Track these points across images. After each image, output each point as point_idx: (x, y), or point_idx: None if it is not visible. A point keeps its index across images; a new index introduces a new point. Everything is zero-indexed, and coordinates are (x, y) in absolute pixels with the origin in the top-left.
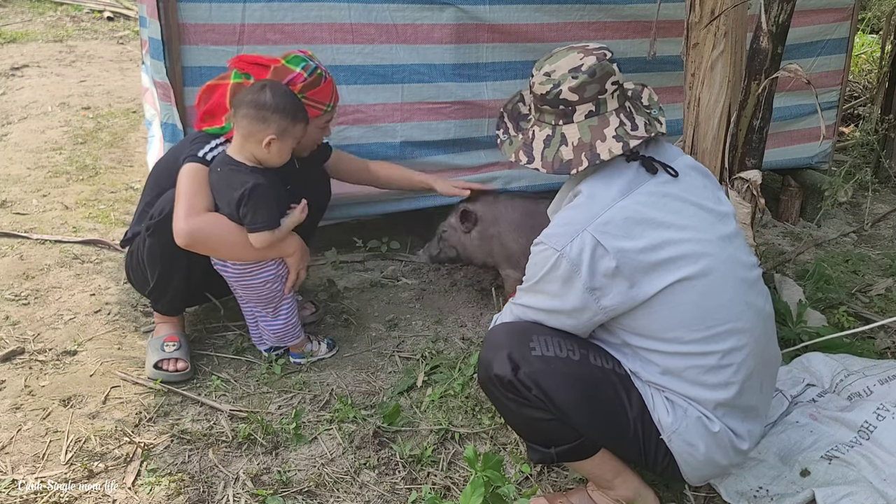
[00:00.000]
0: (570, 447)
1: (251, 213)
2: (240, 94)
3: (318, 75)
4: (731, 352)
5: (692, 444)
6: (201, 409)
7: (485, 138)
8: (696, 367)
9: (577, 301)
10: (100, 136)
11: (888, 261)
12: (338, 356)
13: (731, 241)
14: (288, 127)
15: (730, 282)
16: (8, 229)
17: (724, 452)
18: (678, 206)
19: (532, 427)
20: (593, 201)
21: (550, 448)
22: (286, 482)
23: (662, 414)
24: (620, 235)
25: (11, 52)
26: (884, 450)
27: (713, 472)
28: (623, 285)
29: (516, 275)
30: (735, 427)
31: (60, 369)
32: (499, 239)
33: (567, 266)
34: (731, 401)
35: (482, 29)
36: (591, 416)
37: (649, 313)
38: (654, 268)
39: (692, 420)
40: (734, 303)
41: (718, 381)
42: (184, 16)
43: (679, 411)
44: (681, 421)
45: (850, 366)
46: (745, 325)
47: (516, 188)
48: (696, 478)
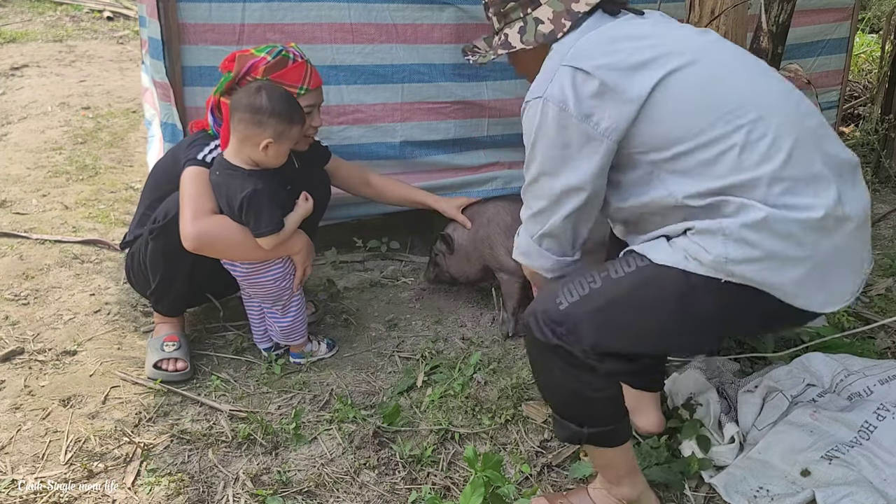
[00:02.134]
0: (603, 430)
1: (253, 219)
2: (235, 96)
3: (282, 57)
4: (758, 121)
5: (750, 254)
6: (201, 409)
7: (485, 138)
8: (730, 150)
9: (577, 138)
10: (100, 136)
11: (888, 261)
12: (338, 356)
13: (721, 43)
14: (284, 130)
15: (733, 69)
16: (8, 229)
17: (788, 238)
18: (653, 27)
19: (572, 398)
20: (561, 46)
21: (583, 427)
22: (286, 482)
23: (703, 255)
24: (596, 55)
25: (11, 52)
26: (884, 450)
27: (804, 273)
28: (613, 99)
29: (510, 276)
30: (798, 202)
31: (60, 369)
32: (488, 241)
33: (554, 108)
34: (782, 172)
35: (482, 29)
36: (641, 328)
37: (656, 118)
38: (637, 68)
39: (734, 232)
40: (748, 85)
41: (758, 155)
42: (183, 15)
43: (716, 239)
44: (721, 245)
45: (851, 366)
46: (769, 103)
47: (516, 188)
48: (799, 293)
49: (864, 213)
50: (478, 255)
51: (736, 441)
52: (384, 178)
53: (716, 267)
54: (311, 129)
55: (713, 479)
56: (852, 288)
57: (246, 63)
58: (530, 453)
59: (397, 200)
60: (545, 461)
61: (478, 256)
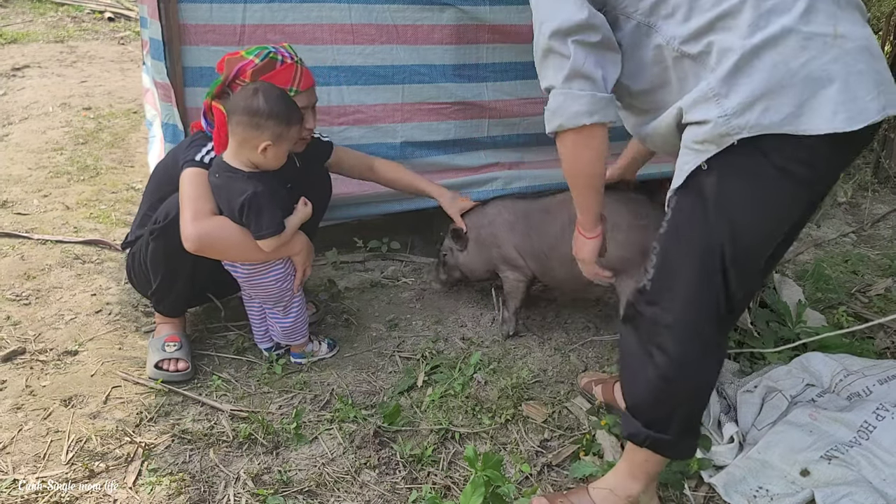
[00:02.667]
0: (665, 439)
1: (254, 222)
2: (233, 98)
3: (270, 59)
4: None
5: (745, 98)
6: (202, 408)
7: (485, 139)
8: None
9: None
10: (101, 137)
11: (887, 261)
12: (338, 356)
13: None
14: (283, 132)
15: None
16: (9, 229)
17: (776, 67)
18: None
19: (652, 392)
20: None
21: (651, 430)
22: (287, 482)
23: (704, 129)
24: None
25: (12, 53)
26: (883, 450)
27: (805, 94)
28: None
29: (515, 274)
30: (777, 28)
31: (61, 369)
32: (494, 240)
33: None
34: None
35: (482, 30)
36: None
37: None
38: None
39: (720, 87)
40: None
41: None
42: (184, 16)
43: (709, 104)
44: (715, 107)
45: (850, 366)
46: None
47: (517, 188)
48: (812, 118)
49: (865, 38)
50: (486, 257)
51: (735, 441)
52: (388, 163)
53: (721, 132)
54: (305, 130)
55: (713, 479)
56: (875, 105)
57: (235, 66)
58: (530, 453)
59: (402, 187)
60: (545, 461)
61: (486, 258)
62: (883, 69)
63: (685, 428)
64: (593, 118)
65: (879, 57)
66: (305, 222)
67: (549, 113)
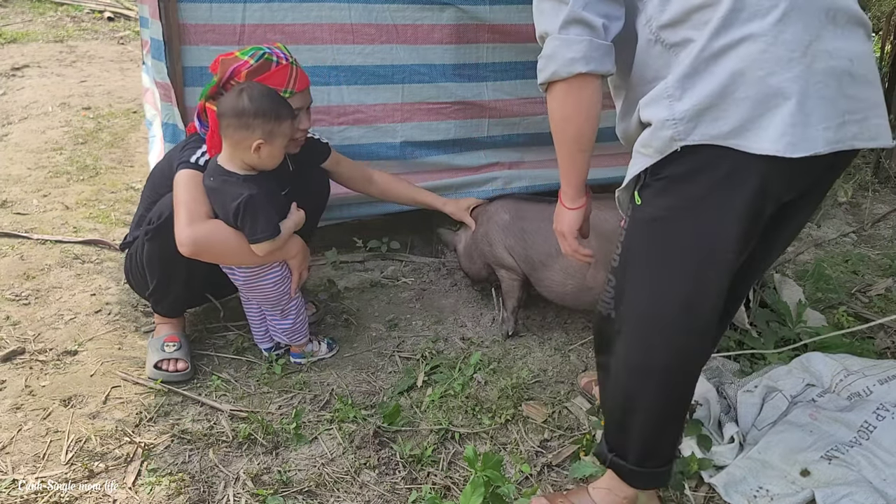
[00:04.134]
0: (625, 466)
1: (249, 226)
2: (220, 102)
3: (265, 60)
4: None
5: (695, 104)
6: (202, 409)
7: (485, 138)
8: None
9: None
10: (100, 137)
11: (888, 261)
12: (338, 356)
13: None
14: (274, 128)
15: None
16: (8, 229)
17: (737, 76)
18: None
19: (619, 417)
20: None
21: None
22: (286, 482)
23: (652, 134)
24: None
25: (12, 53)
26: (884, 450)
27: (756, 110)
28: None
29: (508, 273)
30: (748, 31)
31: (61, 369)
32: (486, 239)
33: None
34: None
35: (482, 29)
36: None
37: None
38: None
39: (674, 87)
40: None
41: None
42: (184, 16)
43: (661, 104)
44: (666, 108)
45: (850, 366)
46: None
47: (517, 188)
48: (759, 136)
49: (850, 59)
50: (479, 254)
51: (735, 441)
52: (388, 176)
53: (665, 135)
54: (299, 132)
55: (713, 479)
56: (827, 136)
57: (229, 67)
58: (530, 453)
59: (403, 200)
60: (545, 461)
61: (479, 255)
62: (862, 95)
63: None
64: (589, 66)
65: (864, 82)
66: (303, 223)
67: (542, 61)
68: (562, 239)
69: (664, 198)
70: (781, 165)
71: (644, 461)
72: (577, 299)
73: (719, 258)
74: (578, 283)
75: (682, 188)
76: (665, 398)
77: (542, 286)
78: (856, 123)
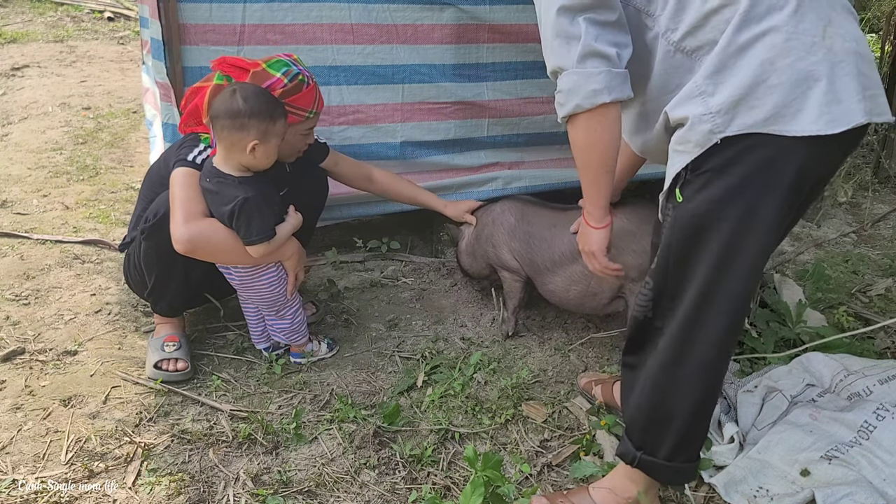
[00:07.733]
0: (656, 462)
1: (244, 227)
2: (214, 102)
3: (299, 81)
4: None
5: (729, 97)
6: (202, 408)
7: (485, 138)
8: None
9: None
10: (100, 137)
11: (888, 261)
12: (338, 356)
13: None
14: (268, 128)
15: None
16: (8, 229)
17: (763, 65)
18: None
19: (649, 414)
20: None
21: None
22: (286, 482)
23: (688, 130)
24: None
25: (12, 53)
26: (883, 450)
27: (789, 94)
28: None
29: (511, 274)
30: (766, 26)
31: (61, 369)
32: (491, 240)
33: None
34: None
35: (482, 29)
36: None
37: None
38: None
39: (706, 85)
40: None
41: None
42: (184, 16)
43: (694, 101)
44: (700, 104)
45: (850, 366)
46: None
47: (516, 188)
48: (797, 119)
49: (855, 41)
50: (482, 254)
51: (735, 441)
52: (388, 175)
53: (705, 131)
54: (305, 145)
55: (713, 479)
56: (861, 108)
57: (263, 81)
58: (530, 453)
59: (404, 199)
60: (545, 461)
61: (482, 254)
62: (871, 73)
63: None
64: (612, 95)
65: (869, 61)
66: (302, 223)
67: (562, 95)
68: (590, 258)
69: (707, 191)
70: (820, 144)
71: (675, 456)
72: (580, 305)
73: (764, 246)
74: (582, 288)
75: (724, 180)
76: (704, 392)
77: (545, 290)
78: (870, 99)
